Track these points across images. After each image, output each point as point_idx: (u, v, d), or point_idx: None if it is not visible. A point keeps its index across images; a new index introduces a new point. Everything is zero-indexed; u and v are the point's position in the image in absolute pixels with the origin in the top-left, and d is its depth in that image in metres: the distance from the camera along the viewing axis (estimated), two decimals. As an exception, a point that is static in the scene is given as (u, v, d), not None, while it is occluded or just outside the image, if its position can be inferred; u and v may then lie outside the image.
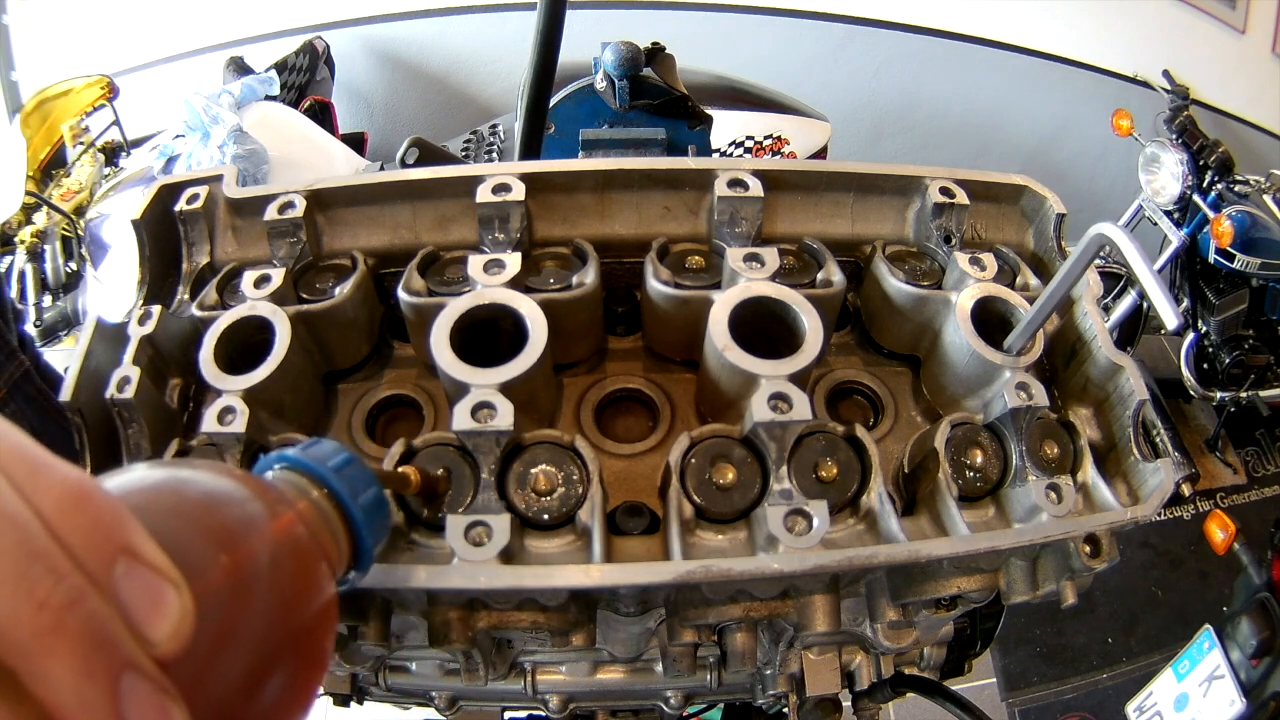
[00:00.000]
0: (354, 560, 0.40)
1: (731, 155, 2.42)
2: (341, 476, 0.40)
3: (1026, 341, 0.62)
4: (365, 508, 0.40)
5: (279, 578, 0.33)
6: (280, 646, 0.33)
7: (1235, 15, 4.04)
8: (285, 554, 0.34)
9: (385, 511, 0.42)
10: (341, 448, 0.41)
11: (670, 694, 0.90)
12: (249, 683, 0.31)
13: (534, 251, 0.67)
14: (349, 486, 0.39)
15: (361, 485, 0.40)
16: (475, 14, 3.50)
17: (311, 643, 0.35)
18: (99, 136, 3.03)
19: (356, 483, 0.40)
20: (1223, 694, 2.30)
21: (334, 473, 0.39)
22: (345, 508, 0.39)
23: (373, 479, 0.41)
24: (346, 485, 0.39)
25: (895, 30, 3.82)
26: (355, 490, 0.40)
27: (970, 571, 0.62)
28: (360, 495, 0.40)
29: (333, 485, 0.39)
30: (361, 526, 0.39)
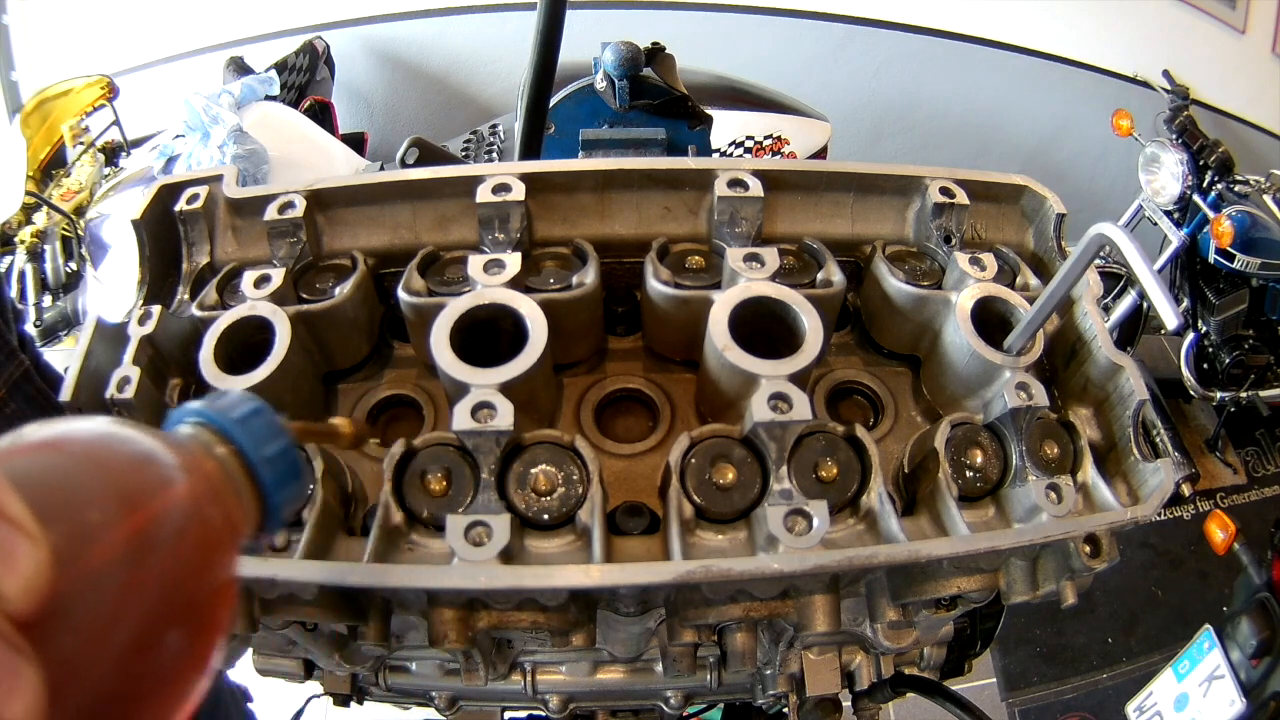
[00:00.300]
0: (262, 519, 0.37)
1: (731, 155, 2.42)
2: (246, 429, 0.37)
3: (1026, 341, 0.62)
4: (271, 461, 0.37)
5: (178, 541, 0.31)
6: (173, 617, 0.31)
7: (1235, 15, 4.03)
8: (185, 516, 0.32)
9: (294, 467, 0.38)
10: (250, 398, 0.38)
11: (670, 694, 0.90)
12: (141, 647, 0.29)
13: (534, 251, 0.67)
14: (253, 440, 0.37)
15: (267, 437, 0.37)
16: (475, 14, 3.50)
17: (208, 613, 0.33)
18: (99, 136, 3.03)
19: (262, 435, 0.37)
20: (1223, 694, 2.30)
21: (238, 424, 0.37)
22: (250, 463, 0.36)
23: (280, 431, 0.38)
24: (250, 438, 0.37)
25: (895, 30, 3.82)
26: (260, 443, 0.37)
27: (970, 571, 0.62)
28: (266, 448, 0.37)
29: (237, 439, 0.36)
30: (266, 483, 0.37)
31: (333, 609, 0.57)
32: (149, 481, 0.31)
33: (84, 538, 0.28)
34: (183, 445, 0.34)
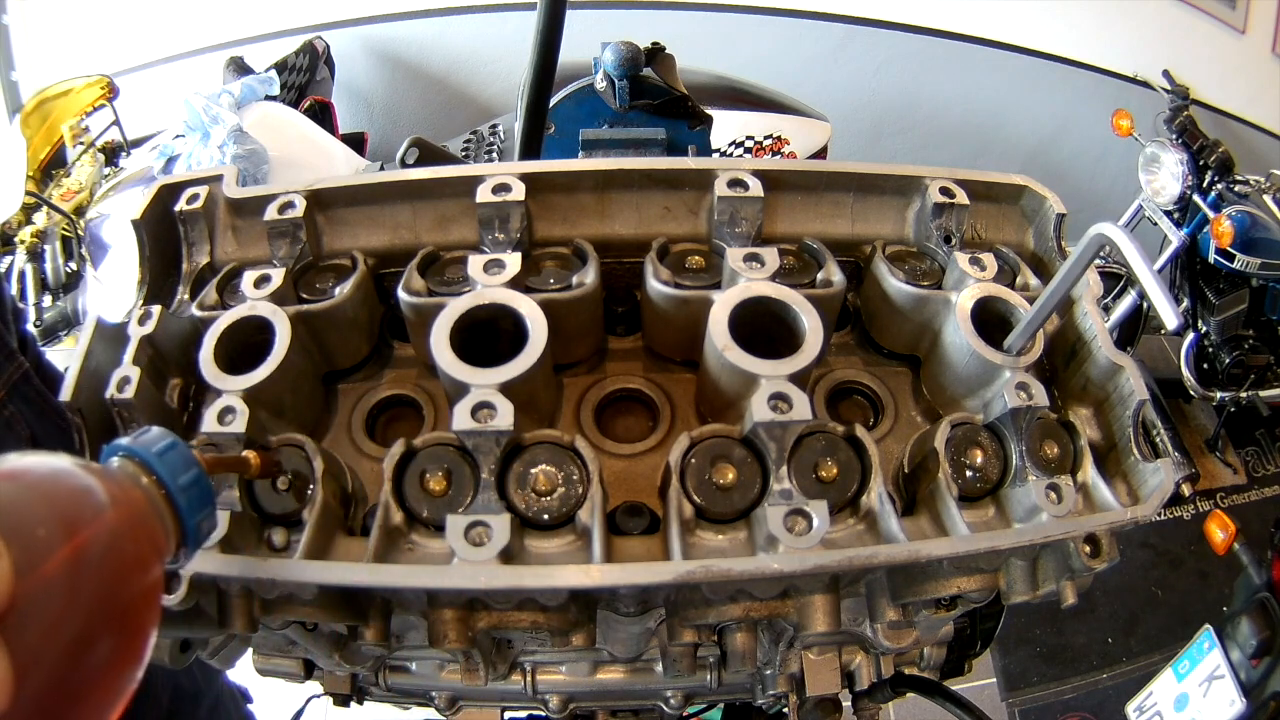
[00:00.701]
0: (181, 538, 0.43)
1: (731, 155, 2.42)
2: (165, 462, 0.43)
3: (1026, 341, 0.62)
4: (185, 490, 0.43)
5: (109, 556, 0.37)
6: (108, 620, 0.37)
7: (1235, 15, 4.04)
8: (115, 537, 0.38)
9: (207, 494, 0.44)
10: (166, 434, 0.44)
11: (670, 694, 0.90)
12: (84, 640, 0.36)
13: (534, 251, 0.67)
14: (170, 471, 0.43)
15: (181, 468, 0.43)
16: (475, 14, 3.50)
17: (137, 618, 0.39)
18: (99, 136, 3.03)
19: (178, 466, 0.43)
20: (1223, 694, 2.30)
21: (158, 458, 0.43)
22: (168, 491, 0.42)
23: (192, 461, 0.44)
24: (169, 470, 0.43)
25: (895, 30, 3.82)
26: (177, 473, 0.43)
27: (970, 571, 0.62)
28: (180, 477, 0.43)
29: (156, 469, 0.42)
30: (182, 508, 0.43)
31: (333, 609, 0.57)
32: (86, 509, 0.38)
33: (37, 552, 0.34)
34: (114, 477, 0.40)
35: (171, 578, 0.49)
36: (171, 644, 0.65)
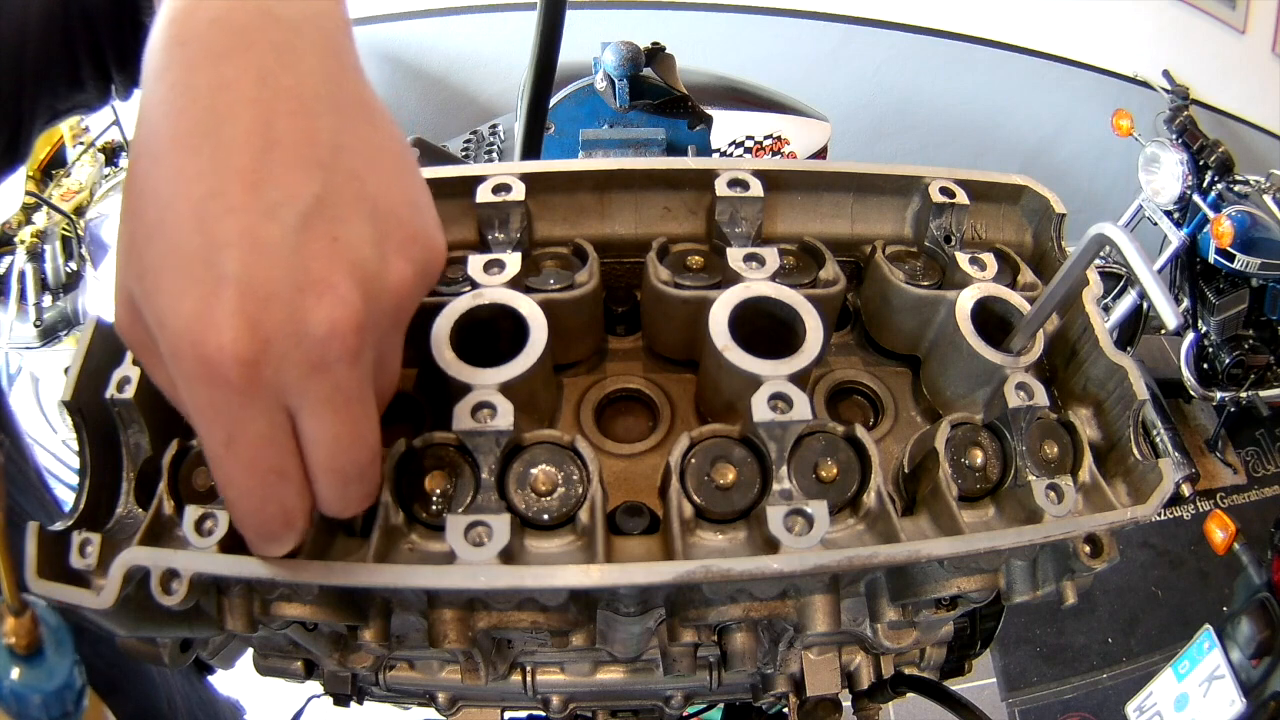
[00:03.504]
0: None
1: (731, 155, 2.42)
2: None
3: (1026, 341, 0.62)
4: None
5: None
6: None
7: (1235, 15, 4.04)
8: None
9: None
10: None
11: (670, 694, 0.90)
12: None
13: (534, 251, 0.67)
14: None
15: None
16: (475, 14, 3.50)
17: None
18: (99, 136, 3.03)
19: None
20: (1223, 694, 2.30)
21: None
22: None
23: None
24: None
25: (895, 30, 3.83)
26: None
27: (970, 571, 0.62)
28: None
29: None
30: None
31: (333, 609, 0.57)
32: None
33: None
34: None
35: (171, 577, 0.49)
36: (171, 644, 0.65)
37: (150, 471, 0.59)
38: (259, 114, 0.40)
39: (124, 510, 0.59)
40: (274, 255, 0.39)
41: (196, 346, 0.38)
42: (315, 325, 0.39)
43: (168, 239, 0.39)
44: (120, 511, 0.59)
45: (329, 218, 0.40)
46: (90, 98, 0.83)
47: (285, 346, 0.39)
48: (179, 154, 0.39)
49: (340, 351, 0.41)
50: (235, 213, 0.38)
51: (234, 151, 0.39)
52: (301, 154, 0.40)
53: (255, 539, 0.46)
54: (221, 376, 0.38)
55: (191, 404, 0.41)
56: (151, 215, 0.40)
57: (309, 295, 0.39)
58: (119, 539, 0.56)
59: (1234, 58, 4.07)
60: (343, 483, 0.45)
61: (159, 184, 0.40)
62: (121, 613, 0.51)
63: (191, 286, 0.38)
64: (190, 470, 0.56)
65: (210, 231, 0.38)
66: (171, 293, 0.39)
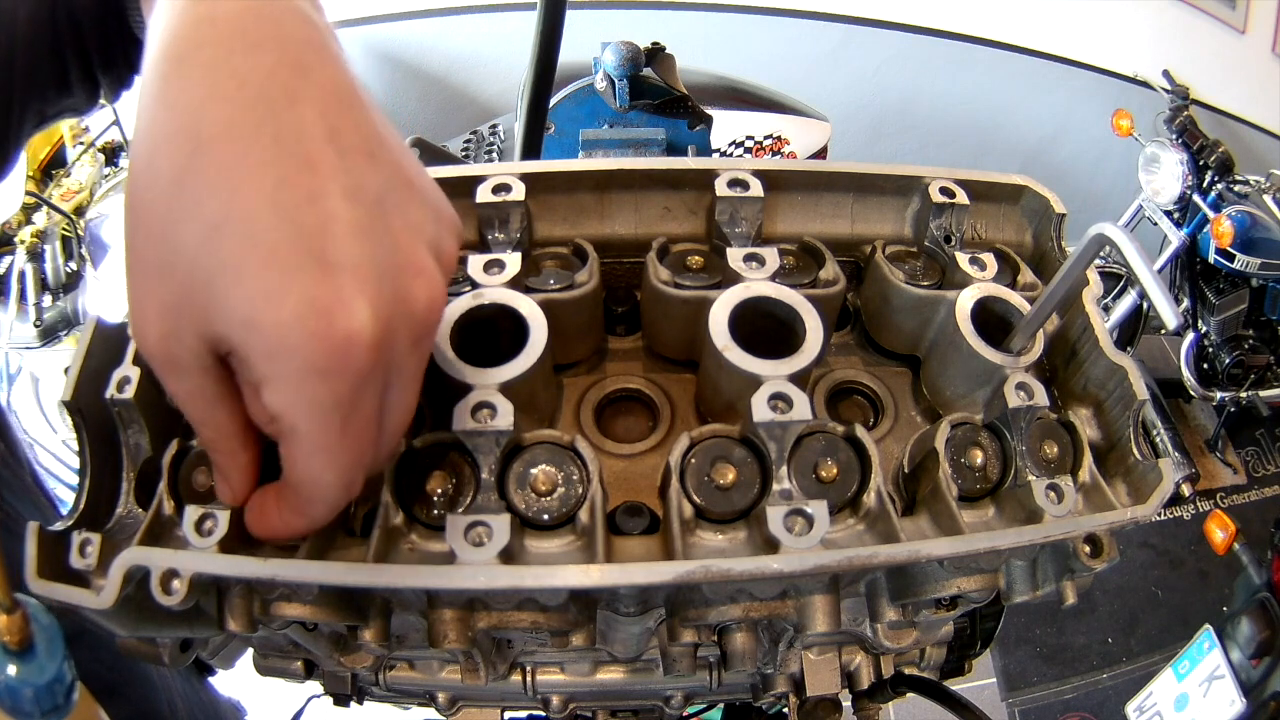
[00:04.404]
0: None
1: (731, 155, 2.42)
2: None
3: (1026, 341, 0.62)
4: None
5: None
6: None
7: (1235, 15, 4.04)
8: None
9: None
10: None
11: (670, 694, 0.90)
12: None
13: (534, 251, 0.67)
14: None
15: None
16: (475, 14, 3.50)
17: None
18: (99, 136, 3.03)
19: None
20: (1223, 694, 2.30)
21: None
22: None
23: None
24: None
25: (895, 30, 3.82)
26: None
27: (970, 571, 0.62)
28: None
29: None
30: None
31: (333, 609, 0.57)
32: None
33: None
34: None
35: (171, 577, 0.49)
36: (171, 644, 0.65)
37: (150, 471, 0.59)
38: (313, 104, 0.39)
39: (124, 510, 0.59)
40: (372, 238, 0.39)
41: (320, 336, 0.37)
42: (417, 303, 0.41)
43: (243, 231, 0.36)
44: (120, 511, 0.59)
45: (397, 202, 0.42)
46: (77, 102, 0.83)
47: (397, 325, 0.40)
48: (236, 140, 0.37)
49: (433, 326, 0.44)
50: (318, 200, 0.37)
51: (298, 139, 0.38)
52: (359, 143, 0.40)
53: (323, 513, 0.47)
54: (351, 363, 0.38)
55: (297, 400, 0.39)
56: (211, 208, 0.37)
57: (408, 274, 0.41)
58: (119, 539, 0.56)
59: (1234, 58, 4.07)
60: (396, 443, 0.48)
61: (213, 173, 0.37)
62: (121, 613, 0.51)
63: (299, 274, 0.36)
64: (190, 470, 0.56)
65: (297, 220, 0.37)
66: (269, 288, 0.36)
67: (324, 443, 0.41)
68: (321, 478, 0.43)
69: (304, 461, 0.42)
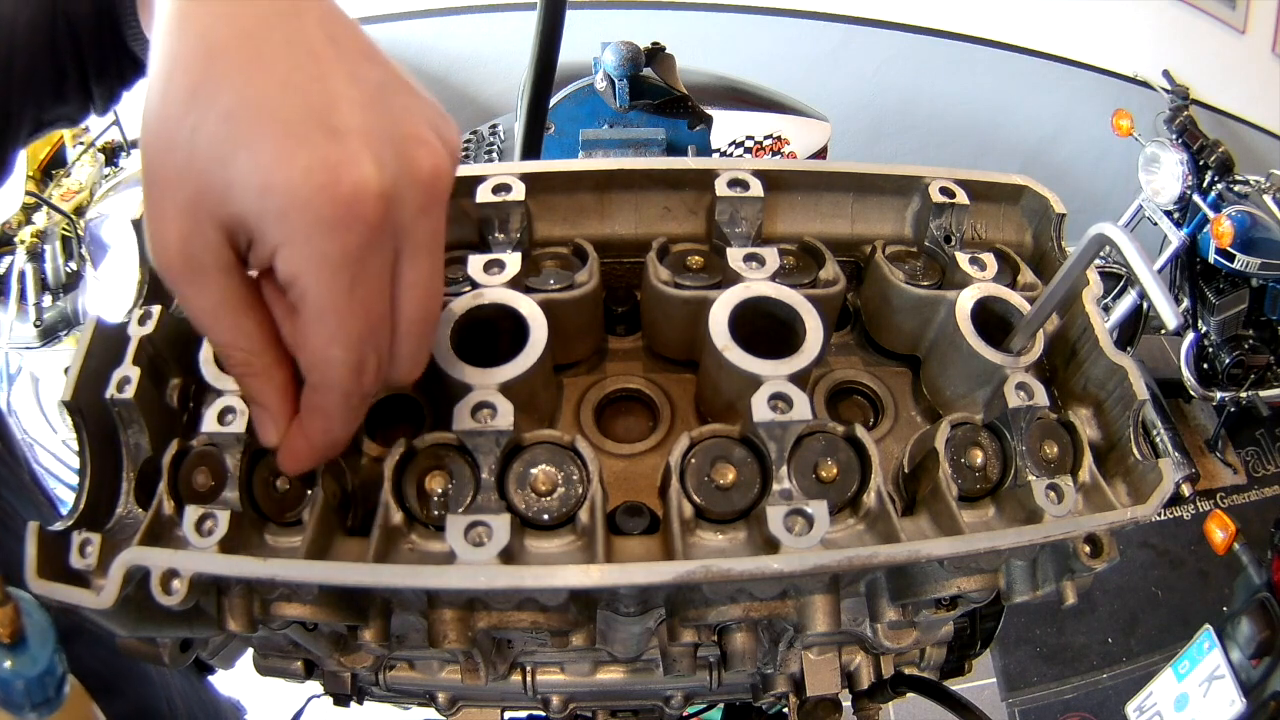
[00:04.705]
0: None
1: (731, 155, 2.42)
2: None
3: (1026, 341, 0.62)
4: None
5: None
6: None
7: (1235, 15, 4.04)
8: None
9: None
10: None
11: (670, 694, 0.90)
12: None
13: (534, 251, 0.67)
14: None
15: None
16: (475, 14, 3.50)
17: None
18: (99, 136, 3.03)
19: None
20: (1223, 694, 2.30)
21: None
22: None
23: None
24: None
25: (895, 30, 3.82)
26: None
27: (970, 571, 0.62)
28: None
29: None
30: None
31: (333, 609, 0.57)
32: None
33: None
34: None
35: (171, 577, 0.49)
36: (172, 644, 0.65)
37: (150, 471, 0.59)
38: (313, 18, 0.44)
39: (124, 510, 0.59)
40: (375, 111, 0.43)
41: (329, 188, 0.40)
42: (421, 169, 0.44)
43: (259, 109, 0.40)
44: (120, 511, 0.59)
45: (396, 93, 0.46)
46: (72, 110, 0.84)
47: (403, 187, 0.43)
48: (249, 42, 0.41)
49: (440, 195, 0.46)
50: (326, 79, 0.42)
51: (303, 40, 0.42)
52: (358, 48, 0.45)
53: (339, 407, 0.47)
54: (359, 215, 0.41)
55: (308, 256, 0.42)
56: (228, 97, 0.41)
57: (412, 143, 0.44)
58: (119, 539, 0.56)
59: (1234, 58, 4.07)
60: (426, 333, 0.49)
61: (229, 69, 0.41)
62: (121, 613, 0.51)
63: (309, 140, 0.40)
64: (190, 470, 0.56)
65: (307, 96, 0.41)
66: (283, 153, 0.40)
67: (332, 302, 0.43)
68: (331, 350, 0.45)
69: (315, 327, 0.44)
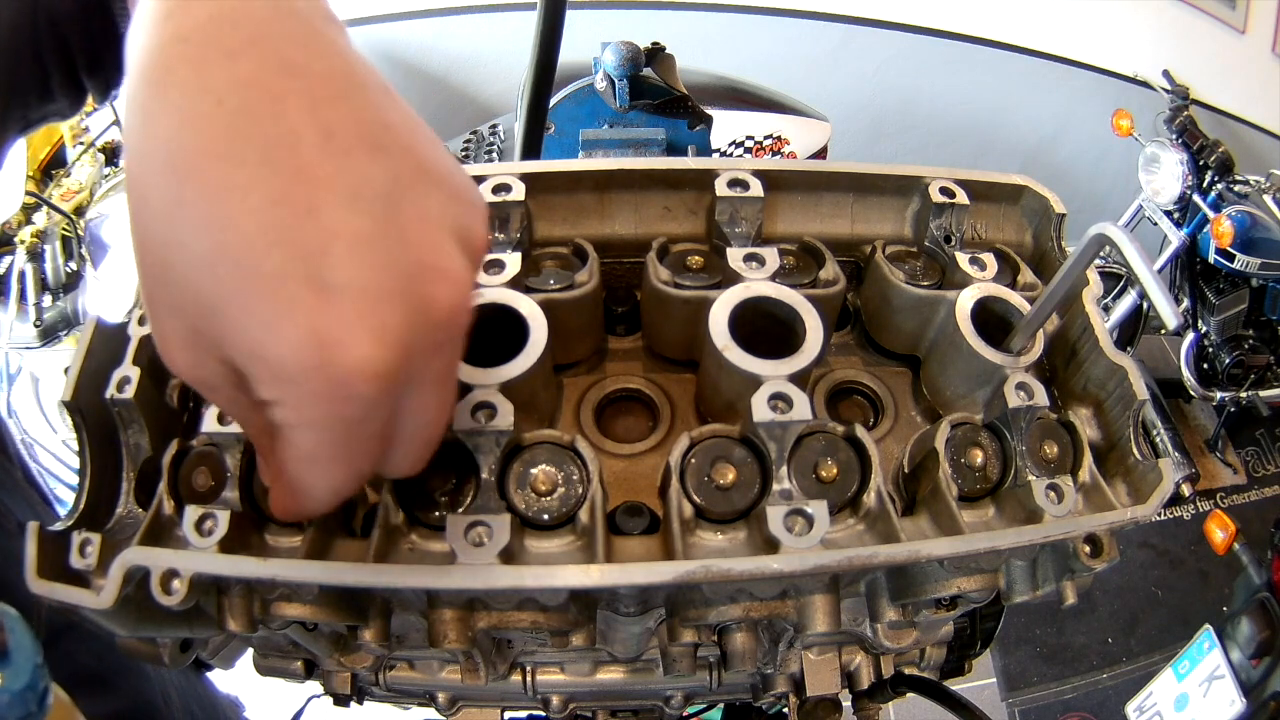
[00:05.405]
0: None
1: (731, 155, 2.42)
2: None
3: (1026, 341, 0.62)
4: None
5: None
6: None
7: (1235, 15, 4.04)
8: None
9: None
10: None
11: (670, 694, 0.90)
12: None
13: (534, 251, 0.67)
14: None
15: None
16: (475, 14, 3.50)
17: None
18: (99, 136, 3.03)
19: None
20: (1223, 694, 2.30)
21: None
22: None
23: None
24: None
25: (895, 30, 3.82)
26: None
27: (970, 571, 0.62)
28: None
29: None
30: None
31: (333, 609, 0.57)
32: None
33: None
34: None
35: (171, 577, 0.49)
36: (172, 644, 0.65)
37: (150, 471, 0.59)
38: (301, 105, 0.36)
39: (124, 510, 0.60)
40: (378, 249, 0.36)
41: (320, 369, 0.35)
42: (437, 311, 0.38)
43: (238, 261, 0.35)
44: (120, 511, 0.59)
45: (409, 197, 0.38)
46: (61, 108, 0.82)
47: (414, 340, 0.37)
48: (219, 163, 0.35)
49: (457, 331, 0.40)
50: (315, 213, 0.35)
51: (288, 149, 0.35)
52: (360, 138, 0.37)
53: (310, 512, 0.45)
54: (356, 393, 0.36)
55: (301, 422, 0.38)
56: (203, 240, 0.35)
57: (424, 282, 0.37)
58: (119, 539, 0.56)
59: (1234, 58, 4.07)
60: (425, 451, 0.45)
61: (200, 202, 0.35)
62: (121, 613, 0.51)
63: (295, 306, 0.35)
64: (190, 470, 0.56)
65: (293, 241, 0.35)
66: (268, 319, 0.35)
67: (319, 455, 0.40)
68: (313, 485, 0.42)
69: (295, 466, 0.41)
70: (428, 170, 0.40)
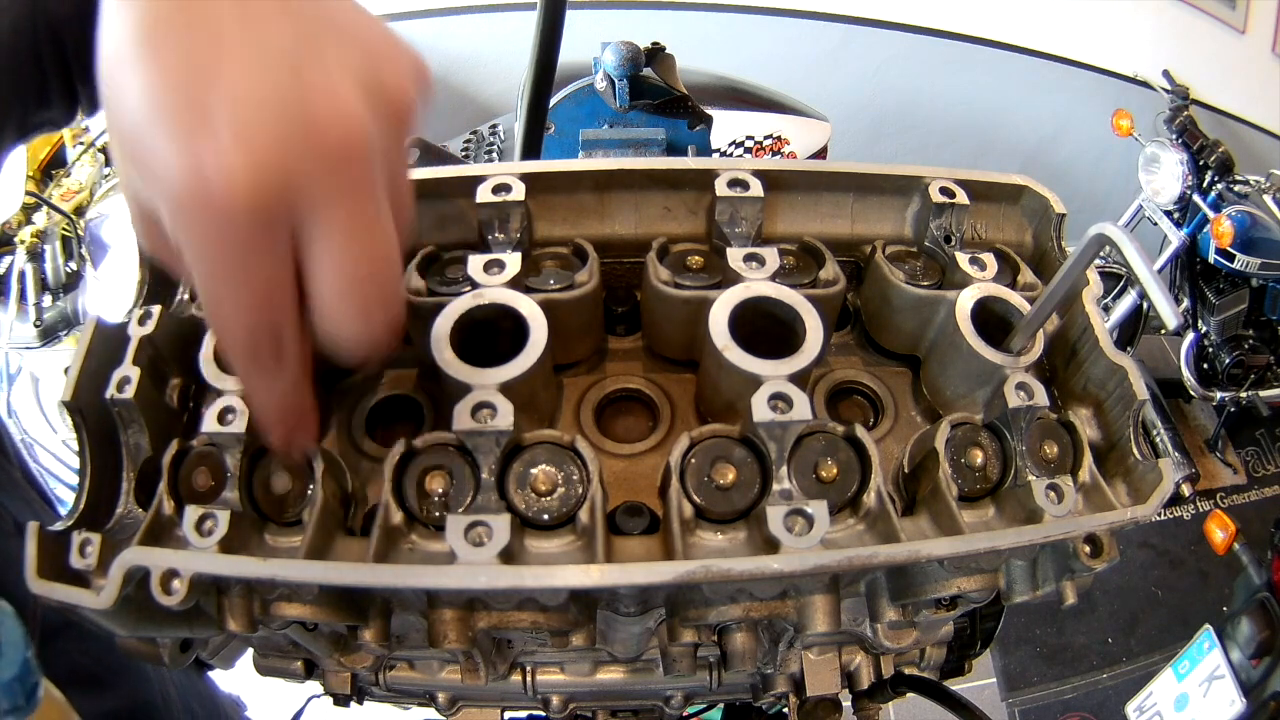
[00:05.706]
0: None
1: (731, 155, 2.42)
2: None
3: (1026, 341, 0.62)
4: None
5: None
6: None
7: (1235, 15, 4.04)
8: None
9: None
10: None
11: (670, 694, 0.90)
12: None
13: (534, 251, 0.67)
14: None
15: None
16: (475, 14, 3.50)
17: None
18: (99, 136, 3.03)
19: None
20: (1223, 694, 2.30)
21: None
22: None
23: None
24: None
25: (895, 30, 3.82)
26: None
27: (970, 571, 0.62)
28: None
29: None
30: None
31: (333, 609, 0.57)
32: None
33: None
34: None
35: (171, 577, 0.49)
36: (172, 644, 0.65)
37: (150, 471, 0.59)
38: None
39: (124, 510, 0.60)
40: (266, 87, 0.38)
41: (201, 193, 0.37)
42: (321, 136, 0.39)
43: (151, 108, 0.38)
44: (120, 511, 0.59)
45: (313, 49, 0.40)
46: (56, 115, 0.83)
47: (296, 162, 0.38)
48: (149, 45, 0.39)
49: (352, 163, 0.40)
50: (217, 65, 0.38)
51: (209, 18, 0.39)
52: (274, 6, 0.40)
53: (257, 378, 0.47)
54: (230, 216, 0.37)
55: (192, 254, 0.40)
56: (131, 103, 0.39)
57: (307, 107, 0.38)
58: (119, 539, 0.56)
59: (1234, 58, 4.07)
60: (353, 304, 0.44)
61: (138, 62, 0.39)
62: (121, 613, 0.51)
63: (180, 132, 0.37)
64: (190, 470, 0.56)
65: (192, 83, 0.38)
66: (161, 148, 0.38)
67: (215, 294, 0.41)
68: (224, 334, 0.44)
69: (209, 312, 0.43)
70: (340, 29, 0.43)
